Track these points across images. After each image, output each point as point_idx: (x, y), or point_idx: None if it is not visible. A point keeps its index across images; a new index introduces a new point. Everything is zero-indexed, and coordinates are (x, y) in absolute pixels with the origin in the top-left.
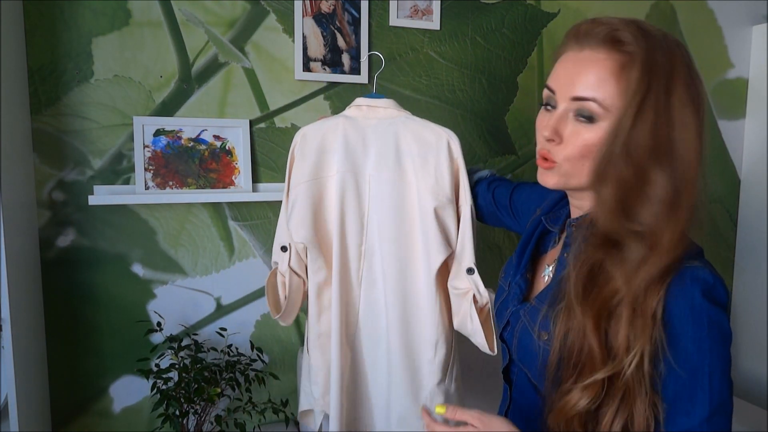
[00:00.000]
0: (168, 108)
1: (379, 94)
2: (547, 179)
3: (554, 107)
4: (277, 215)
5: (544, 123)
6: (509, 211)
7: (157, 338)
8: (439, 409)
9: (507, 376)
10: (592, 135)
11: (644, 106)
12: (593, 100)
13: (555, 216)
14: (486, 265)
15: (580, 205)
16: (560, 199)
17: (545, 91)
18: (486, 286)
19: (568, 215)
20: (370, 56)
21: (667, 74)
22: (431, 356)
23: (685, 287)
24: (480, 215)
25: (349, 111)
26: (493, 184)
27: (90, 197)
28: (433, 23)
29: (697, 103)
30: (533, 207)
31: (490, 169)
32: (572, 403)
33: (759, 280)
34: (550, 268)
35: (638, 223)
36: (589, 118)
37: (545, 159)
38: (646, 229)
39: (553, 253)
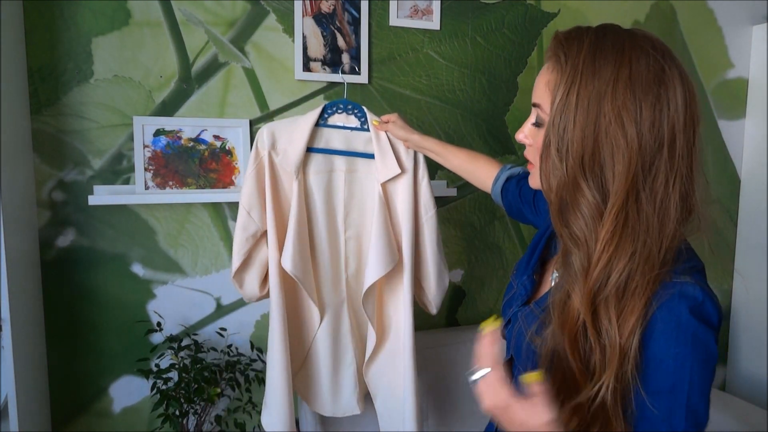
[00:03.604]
0: (168, 108)
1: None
2: (531, 180)
3: None
4: None
5: None
6: (532, 206)
7: (157, 338)
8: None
9: (509, 370)
10: (540, 139)
11: (565, 113)
12: (538, 106)
13: None
14: (486, 264)
15: None
16: None
17: None
18: (486, 287)
19: None
20: (369, 55)
21: (598, 86)
22: None
23: (673, 303)
24: (509, 211)
25: None
26: (522, 181)
27: (90, 197)
28: (433, 23)
29: (640, 113)
30: None
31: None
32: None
33: (759, 280)
34: (557, 274)
35: (574, 232)
36: (539, 123)
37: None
38: (581, 239)
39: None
